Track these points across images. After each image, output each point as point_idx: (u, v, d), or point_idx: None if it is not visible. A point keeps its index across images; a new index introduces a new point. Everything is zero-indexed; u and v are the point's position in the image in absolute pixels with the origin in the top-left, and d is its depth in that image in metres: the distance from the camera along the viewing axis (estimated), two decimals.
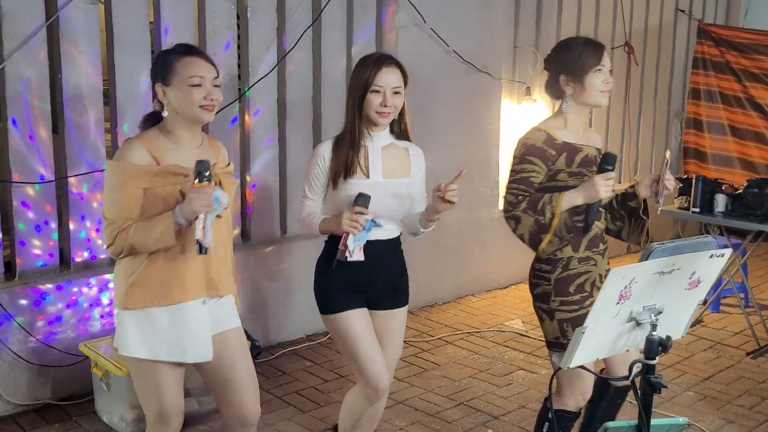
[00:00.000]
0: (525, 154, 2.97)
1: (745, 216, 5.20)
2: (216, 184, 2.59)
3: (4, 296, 3.98)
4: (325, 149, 2.98)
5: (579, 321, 2.89)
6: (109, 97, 4.37)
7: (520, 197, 2.95)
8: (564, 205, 2.89)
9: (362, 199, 2.82)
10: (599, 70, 2.95)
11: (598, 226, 3.07)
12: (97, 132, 4.26)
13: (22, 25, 3.93)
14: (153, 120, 2.72)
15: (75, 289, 4.20)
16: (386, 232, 3.02)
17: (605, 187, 2.85)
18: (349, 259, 2.86)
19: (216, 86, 2.63)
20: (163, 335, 2.66)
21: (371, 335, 3.03)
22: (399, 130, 3.05)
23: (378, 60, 2.91)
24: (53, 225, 4.17)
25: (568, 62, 2.97)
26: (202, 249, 2.54)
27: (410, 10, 5.43)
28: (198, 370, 2.85)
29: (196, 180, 2.51)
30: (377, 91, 2.88)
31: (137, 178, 2.55)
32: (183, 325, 2.68)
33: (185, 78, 2.58)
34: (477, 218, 6.19)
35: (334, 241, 2.99)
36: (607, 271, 3.01)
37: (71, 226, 4.24)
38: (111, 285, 4.33)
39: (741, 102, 7.11)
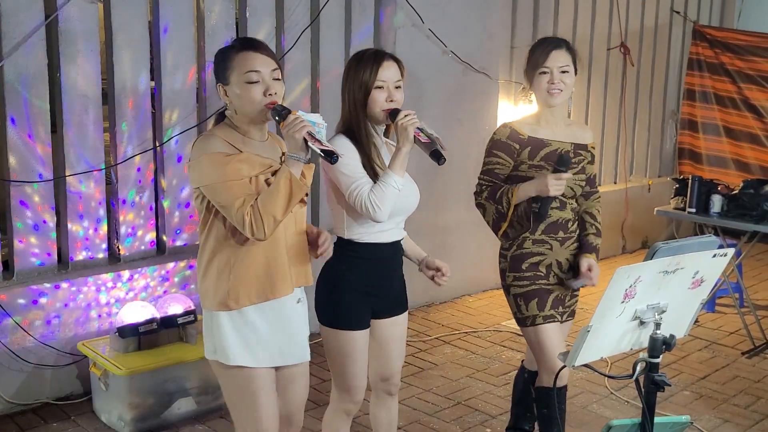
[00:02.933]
0: (491, 147, 3.24)
1: (740, 216, 5.23)
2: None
3: (2, 295, 3.97)
4: (347, 141, 2.84)
5: (530, 296, 3.21)
6: (107, 96, 4.37)
7: (484, 187, 3.25)
8: (519, 195, 3.12)
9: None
10: (544, 72, 3.13)
11: (561, 215, 3.23)
12: (96, 131, 4.26)
13: (21, 23, 3.92)
14: (221, 118, 2.63)
15: (73, 289, 4.20)
16: (400, 232, 2.99)
17: (556, 185, 3.04)
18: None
19: (276, 79, 2.51)
20: (262, 339, 2.58)
21: (366, 354, 2.99)
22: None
23: (375, 56, 2.85)
24: (51, 224, 4.16)
25: (527, 61, 3.23)
26: (332, 157, 2.44)
27: (408, 10, 5.44)
28: None
29: (279, 120, 2.45)
30: (380, 87, 2.81)
31: (230, 161, 2.46)
32: (281, 326, 2.61)
33: (242, 75, 2.47)
34: (473, 218, 6.15)
35: (345, 245, 2.91)
36: (568, 260, 3.24)
37: (69, 226, 4.23)
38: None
39: (736, 103, 7.13)
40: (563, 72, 3.15)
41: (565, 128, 3.28)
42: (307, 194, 2.60)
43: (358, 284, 2.91)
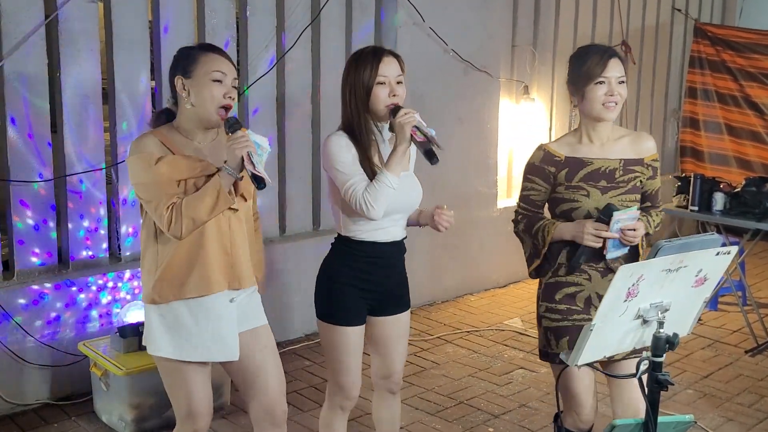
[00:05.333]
0: (527, 173, 3.01)
1: (743, 214, 5.22)
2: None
3: (2, 296, 3.96)
4: (345, 139, 2.84)
5: (562, 332, 2.87)
6: (108, 95, 4.36)
7: (520, 216, 3.03)
8: (555, 236, 2.88)
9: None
10: (601, 82, 2.80)
11: None
12: (96, 131, 4.25)
13: (21, 23, 3.91)
14: (164, 117, 2.71)
15: (74, 289, 4.19)
16: (401, 231, 2.98)
17: (590, 236, 2.77)
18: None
19: (234, 87, 2.63)
20: (189, 334, 2.66)
21: (361, 350, 2.99)
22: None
23: (375, 52, 2.84)
24: (52, 224, 4.15)
25: (573, 71, 2.89)
26: (260, 183, 2.51)
27: (409, 9, 5.43)
28: (225, 367, 2.84)
29: (229, 132, 2.55)
30: (382, 83, 2.80)
31: (159, 163, 2.55)
32: (209, 323, 2.67)
33: (208, 72, 2.57)
34: (476, 217, 6.19)
35: (342, 242, 2.93)
36: None
37: (70, 226, 4.22)
38: (118, 283, 4.32)
39: (737, 101, 7.12)
40: (620, 83, 2.83)
41: (614, 143, 2.92)
42: (244, 199, 2.71)
43: (354, 281, 2.91)
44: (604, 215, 2.77)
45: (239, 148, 2.50)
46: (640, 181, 2.92)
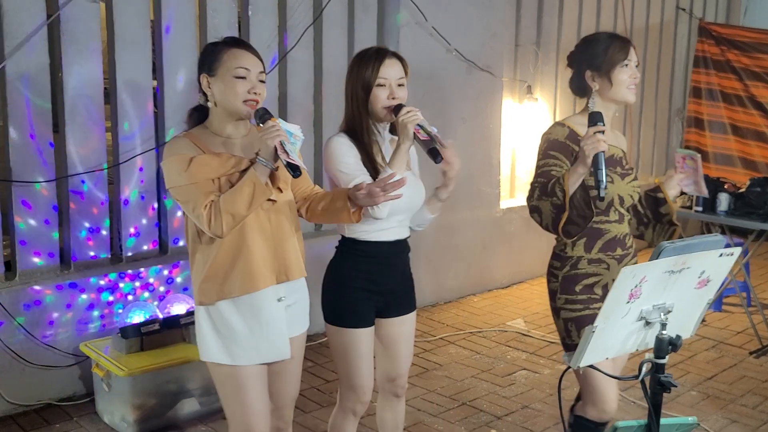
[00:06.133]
0: (547, 149, 2.90)
1: (747, 215, 5.21)
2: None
3: (4, 296, 3.96)
4: (347, 140, 2.84)
5: (583, 321, 2.87)
6: (109, 95, 4.36)
7: (536, 186, 2.86)
8: (571, 178, 2.71)
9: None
10: (626, 65, 2.86)
11: (618, 230, 2.94)
12: (98, 131, 4.24)
13: (23, 23, 3.91)
14: (198, 114, 2.67)
15: (75, 289, 4.18)
16: (405, 230, 2.97)
17: (590, 143, 2.63)
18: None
19: (261, 81, 2.57)
20: (239, 336, 2.60)
21: (372, 352, 2.98)
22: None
23: (378, 53, 2.83)
24: (54, 224, 4.15)
25: (593, 57, 2.90)
26: (295, 171, 2.45)
27: (411, 8, 5.41)
28: None
29: (260, 124, 2.50)
30: (382, 85, 2.80)
31: (191, 164, 2.50)
32: (257, 323, 2.61)
33: (231, 69, 2.52)
34: (479, 217, 6.17)
35: (347, 243, 2.90)
36: None
37: (72, 226, 4.22)
38: (122, 284, 4.32)
39: (742, 101, 7.10)
40: (636, 67, 2.91)
41: (609, 131, 2.89)
42: (281, 190, 2.64)
43: (361, 282, 2.89)
44: (590, 122, 2.70)
45: (271, 138, 2.44)
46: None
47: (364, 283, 2.89)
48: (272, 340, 2.64)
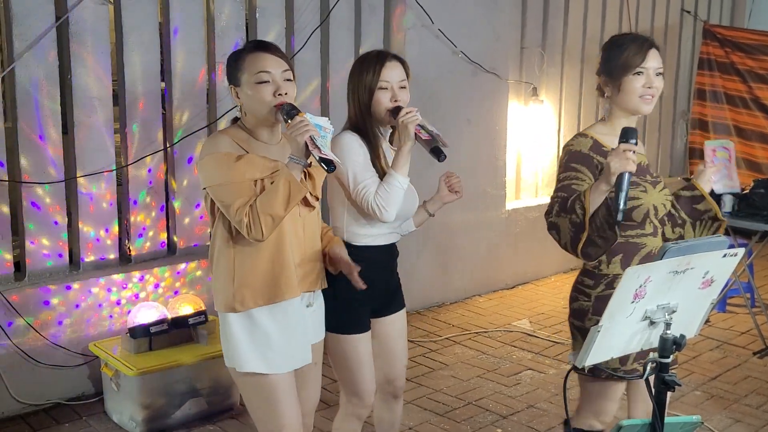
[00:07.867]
0: (569, 161, 2.69)
1: (751, 216, 5.21)
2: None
3: (14, 296, 3.99)
4: (357, 139, 2.84)
5: None
6: (118, 97, 4.39)
7: (556, 201, 2.64)
8: (592, 195, 2.48)
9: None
10: (639, 72, 2.64)
11: (654, 243, 2.73)
12: (107, 132, 4.27)
13: (32, 25, 3.94)
14: (235, 122, 2.63)
15: (84, 290, 4.21)
16: (397, 235, 2.99)
17: (617, 159, 2.40)
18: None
19: (288, 80, 2.50)
20: (274, 343, 2.55)
21: (371, 356, 2.99)
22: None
23: (379, 56, 2.85)
24: (63, 225, 4.18)
25: (607, 61, 2.70)
26: (329, 166, 2.38)
27: (418, 10, 5.44)
28: None
29: (287, 120, 2.43)
30: (384, 88, 2.80)
31: (235, 162, 2.45)
32: (289, 329, 2.57)
33: (252, 75, 2.46)
34: (484, 219, 6.19)
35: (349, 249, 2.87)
36: None
37: (81, 227, 4.25)
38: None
39: (746, 103, 7.11)
40: (658, 74, 2.67)
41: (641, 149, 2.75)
42: (317, 198, 2.60)
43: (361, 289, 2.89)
44: (624, 137, 2.47)
45: (300, 134, 2.37)
46: None
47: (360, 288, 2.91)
48: (302, 346, 2.63)
